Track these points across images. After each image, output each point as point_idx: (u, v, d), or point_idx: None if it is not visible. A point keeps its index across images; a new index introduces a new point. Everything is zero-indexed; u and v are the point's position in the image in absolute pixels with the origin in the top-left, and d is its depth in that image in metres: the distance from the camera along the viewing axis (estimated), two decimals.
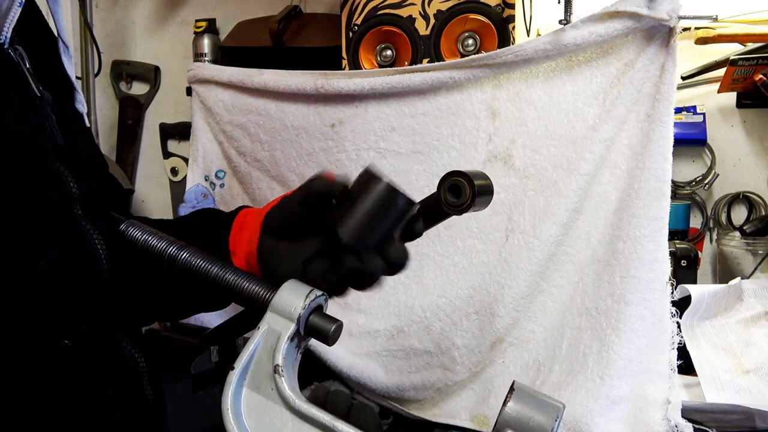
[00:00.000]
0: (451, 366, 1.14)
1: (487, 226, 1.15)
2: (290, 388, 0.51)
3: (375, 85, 1.21)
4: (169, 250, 0.60)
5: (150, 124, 1.87)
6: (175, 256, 0.60)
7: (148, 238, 0.62)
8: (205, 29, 1.67)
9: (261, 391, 0.51)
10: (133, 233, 0.63)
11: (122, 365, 0.69)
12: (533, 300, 1.10)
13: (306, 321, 0.53)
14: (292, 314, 0.53)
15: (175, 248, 0.60)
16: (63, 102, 0.73)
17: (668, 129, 0.99)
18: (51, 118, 0.67)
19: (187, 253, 0.60)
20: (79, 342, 0.62)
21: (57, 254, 0.61)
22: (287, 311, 0.53)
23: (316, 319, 0.54)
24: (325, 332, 0.53)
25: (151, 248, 0.61)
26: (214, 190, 1.45)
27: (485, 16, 1.20)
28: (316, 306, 0.55)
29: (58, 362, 0.61)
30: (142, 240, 0.62)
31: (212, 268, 0.59)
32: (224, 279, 0.59)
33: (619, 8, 0.99)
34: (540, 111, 1.11)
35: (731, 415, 0.96)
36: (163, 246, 0.61)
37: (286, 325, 0.53)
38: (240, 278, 0.59)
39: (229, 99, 1.39)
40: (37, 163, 0.61)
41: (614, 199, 1.05)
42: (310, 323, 0.54)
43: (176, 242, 0.61)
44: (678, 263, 1.20)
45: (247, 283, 0.58)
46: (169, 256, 0.60)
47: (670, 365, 0.97)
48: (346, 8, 1.30)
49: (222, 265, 0.60)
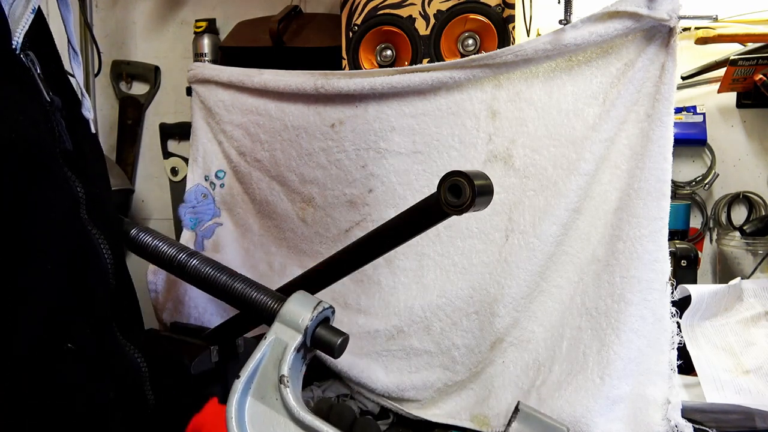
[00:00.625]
0: (451, 366, 1.14)
1: (487, 226, 1.15)
2: (295, 399, 0.51)
3: (375, 85, 1.21)
4: (179, 257, 0.61)
5: (150, 124, 1.87)
6: (185, 263, 0.60)
7: (158, 244, 0.62)
8: (205, 29, 1.67)
9: (266, 401, 0.51)
10: (143, 239, 0.63)
11: (124, 368, 0.69)
12: (533, 300, 1.10)
13: (313, 333, 0.54)
14: (299, 325, 0.53)
15: (185, 255, 0.61)
16: (71, 108, 0.74)
17: (668, 129, 0.99)
18: (61, 123, 0.68)
19: (197, 261, 0.60)
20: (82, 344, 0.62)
21: (63, 257, 0.61)
22: (295, 322, 0.53)
23: (323, 332, 0.54)
24: (332, 345, 0.54)
25: (161, 254, 0.62)
26: (214, 190, 1.45)
27: (485, 16, 1.20)
28: (323, 318, 0.55)
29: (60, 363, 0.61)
30: (152, 245, 0.62)
31: (221, 276, 0.59)
32: (233, 288, 0.59)
33: (619, 8, 0.99)
34: (540, 111, 1.11)
35: (731, 415, 0.96)
36: (173, 252, 0.61)
37: (293, 336, 0.53)
38: (248, 288, 0.59)
39: (229, 99, 1.39)
40: (46, 167, 0.62)
41: (614, 199, 1.05)
42: (316, 335, 0.54)
43: (186, 249, 0.62)
44: (678, 263, 1.20)
45: (255, 293, 0.58)
46: (179, 262, 0.60)
47: (670, 365, 0.97)
48: (346, 8, 1.30)
49: (231, 273, 0.60)
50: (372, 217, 1.26)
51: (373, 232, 0.79)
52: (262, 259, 1.39)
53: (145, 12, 1.83)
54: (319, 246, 1.33)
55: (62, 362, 0.61)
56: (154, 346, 0.86)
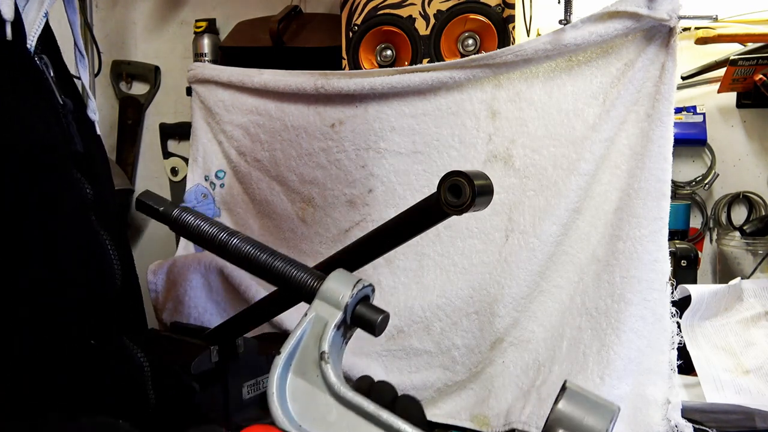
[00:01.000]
0: (451, 366, 1.14)
1: (487, 226, 1.15)
2: (336, 376, 0.51)
3: (375, 85, 1.21)
4: (220, 236, 0.62)
5: (150, 124, 1.87)
6: (225, 242, 0.61)
7: (200, 224, 0.64)
8: (205, 29, 1.67)
9: (306, 377, 0.51)
10: (186, 219, 0.65)
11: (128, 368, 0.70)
12: (533, 300, 1.10)
13: (353, 310, 0.53)
14: (339, 302, 0.53)
15: (225, 234, 0.62)
16: (80, 110, 0.75)
17: (668, 129, 0.99)
18: (72, 125, 0.70)
19: (238, 239, 0.62)
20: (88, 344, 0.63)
21: (72, 257, 0.62)
22: (335, 299, 0.53)
23: (363, 309, 0.55)
24: (372, 322, 0.54)
25: (204, 233, 0.63)
26: (214, 190, 1.45)
27: (485, 16, 1.20)
28: (363, 296, 0.55)
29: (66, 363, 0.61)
30: (194, 225, 0.64)
31: (261, 254, 0.61)
32: (273, 266, 0.60)
33: (619, 8, 0.99)
34: (540, 111, 1.11)
35: (731, 415, 0.96)
36: (214, 231, 0.63)
37: (333, 313, 0.53)
38: (288, 266, 0.60)
39: (229, 99, 1.39)
40: (58, 169, 0.63)
41: (614, 199, 1.05)
42: (356, 313, 0.54)
43: (227, 228, 0.63)
44: (678, 263, 1.20)
45: (295, 271, 0.60)
46: (220, 241, 0.62)
47: (670, 365, 0.97)
48: (346, 8, 1.30)
49: (271, 252, 0.61)
50: (372, 217, 1.26)
51: (373, 232, 0.79)
52: None
53: (145, 12, 1.83)
54: (319, 246, 1.33)
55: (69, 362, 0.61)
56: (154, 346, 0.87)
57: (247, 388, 0.97)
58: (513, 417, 1.00)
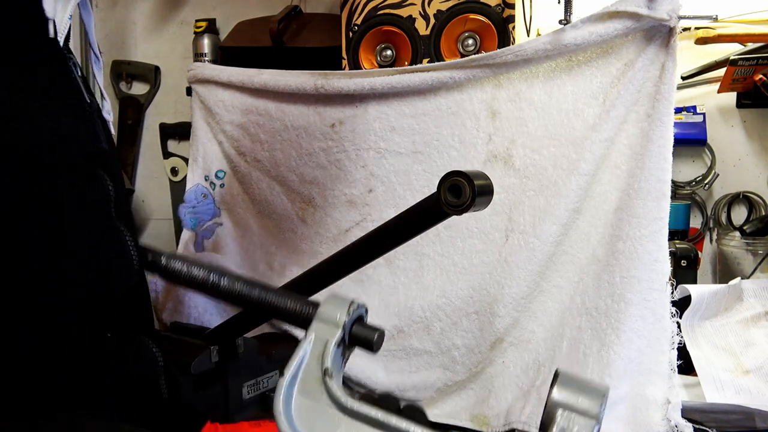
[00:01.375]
0: (451, 366, 1.14)
1: (487, 226, 1.15)
2: (340, 390, 0.52)
3: (375, 85, 1.21)
4: (211, 279, 0.65)
5: (150, 124, 1.87)
6: (217, 283, 0.64)
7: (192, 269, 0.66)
8: (205, 29, 1.67)
9: (312, 396, 0.53)
10: (175, 266, 0.67)
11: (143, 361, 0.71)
12: (533, 300, 1.10)
13: (350, 330, 0.55)
14: (337, 322, 0.56)
15: (215, 276, 0.65)
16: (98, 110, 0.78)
17: (668, 129, 0.99)
18: (98, 123, 0.73)
19: (227, 280, 0.64)
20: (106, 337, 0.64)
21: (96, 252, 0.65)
22: (333, 320, 0.56)
23: (359, 328, 0.57)
24: (370, 339, 0.57)
25: (195, 278, 0.65)
26: (214, 190, 1.45)
27: (485, 16, 1.20)
28: (358, 316, 0.57)
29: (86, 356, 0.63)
30: (185, 272, 0.66)
31: (253, 291, 0.63)
32: (267, 300, 0.63)
33: (619, 8, 0.99)
34: (540, 111, 1.11)
35: (731, 415, 0.96)
36: (204, 275, 0.64)
37: (333, 332, 0.55)
38: (282, 297, 0.63)
39: (229, 99, 1.39)
40: (86, 165, 0.66)
41: (614, 199, 1.05)
42: (353, 332, 0.57)
43: (216, 269, 0.66)
44: (678, 263, 1.20)
45: (290, 302, 0.62)
46: (212, 283, 0.64)
47: (670, 365, 0.97)
48: (346, 8, 1.30)
49: (261, 286, 0.63)
50: (372, 217, 1.26)
51: (373, 232, 0.79)
52: (262, 259, 1.39)
53: (145, 12, 1.83)
54: (319, 246, 1.33)
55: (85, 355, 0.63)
56: None
57: (247, 388, 0.98)
58: (513, 417, 1.00)
